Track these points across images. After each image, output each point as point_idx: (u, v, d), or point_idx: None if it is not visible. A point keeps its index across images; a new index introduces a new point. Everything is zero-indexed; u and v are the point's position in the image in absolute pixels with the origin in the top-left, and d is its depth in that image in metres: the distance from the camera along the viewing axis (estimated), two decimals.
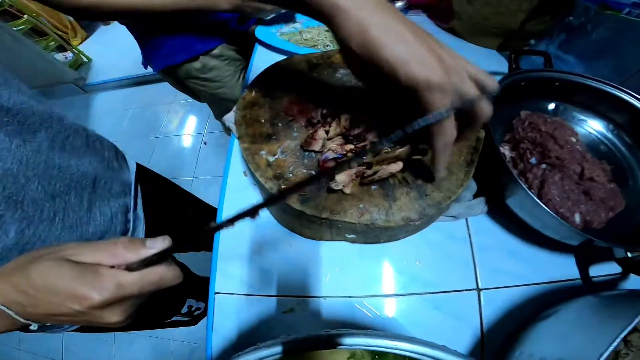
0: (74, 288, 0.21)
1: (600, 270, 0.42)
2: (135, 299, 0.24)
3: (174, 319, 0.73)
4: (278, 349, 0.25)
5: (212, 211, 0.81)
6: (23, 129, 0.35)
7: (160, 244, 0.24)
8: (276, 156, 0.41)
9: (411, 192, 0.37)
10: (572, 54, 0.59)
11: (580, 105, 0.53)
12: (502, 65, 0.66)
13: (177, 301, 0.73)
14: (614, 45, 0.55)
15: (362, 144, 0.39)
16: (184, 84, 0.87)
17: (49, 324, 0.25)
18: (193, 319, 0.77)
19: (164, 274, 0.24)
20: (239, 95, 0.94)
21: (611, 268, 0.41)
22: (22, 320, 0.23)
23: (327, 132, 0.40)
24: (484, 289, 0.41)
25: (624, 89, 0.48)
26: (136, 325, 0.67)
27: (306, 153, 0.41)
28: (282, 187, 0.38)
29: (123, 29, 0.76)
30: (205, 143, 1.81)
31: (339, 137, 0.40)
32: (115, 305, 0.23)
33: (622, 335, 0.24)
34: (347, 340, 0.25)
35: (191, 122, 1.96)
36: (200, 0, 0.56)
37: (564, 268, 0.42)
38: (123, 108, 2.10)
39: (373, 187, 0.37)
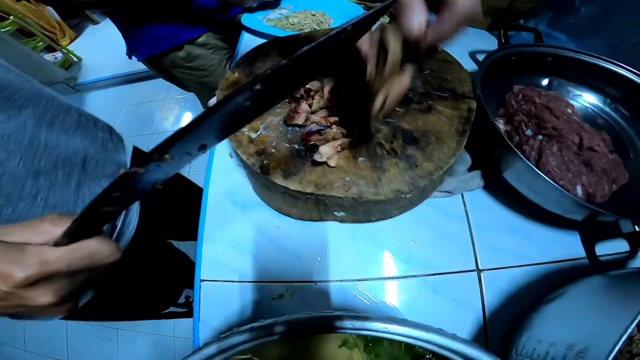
0: (10, 255, 0.20)
1: (607, 248, 0.40)
2: (65, 278, 0.22)
3: (171, 309, 0.71)
4: (268, 330, 0.22)
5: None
6: (8, 104, 0.34)
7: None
8: (258, 132, 0.39)
9: (400, 162, 0.34)
10: (562, 31, 0.58)
11: (574, 80, 0.52)
12: (492, 44, 0.64)
13: (174, 291, 0.70)
14: (605, 22, 0.53)
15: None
16: (170, 74, 0.85)
17: None
18: (190, 310, 0.76)
19: (95, 249, 0.22)
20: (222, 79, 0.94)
21: (619, 246, 0.39)
22: None
23: (310, 106, 0.38)
24: (484, 270, 0.39)
25: (618, 62, 0.47)
26: (130, 314, 0.65)
27: (290, 128, 0.39)
28: (265, 162, 0.36)
29: (112, 28, 0.75)
30: None
31: (324, 109, 0.38)
32: (42, 284, 0.21)
33: (639, 317, 0.22)
34: (341, 323, 0.23)
35: (187, 118, 1.95)
36: None
37: (568, 246, 0.40)
38: (116, 106, 2.07)
39: (360, 159, 0.35)
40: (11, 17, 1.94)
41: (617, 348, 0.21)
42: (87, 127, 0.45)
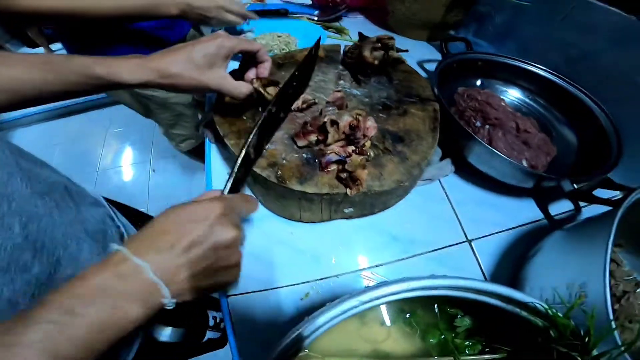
0: (198, 208, 0.27)
1: (558, 208, 0.50)
2: (237, 214, 0.30)
3: (208, 336, 0.69)
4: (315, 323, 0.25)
5: None
6: None
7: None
8: (267, 147, 0.42)
9: (394, 158, 0.41)
10: (483, 39, 0.72)
11: (501, 79, 0.65)
12: (432, 53, 0.78)
13: (200, 314, 0.69)
14: (514, 28, 0.68)
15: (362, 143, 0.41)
16: (131, 94, 0.82)
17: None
18: (223, 334, 0.73)
19: (247, 197, 0.34)
20: (189, 99, 0.92)
21: (566, 205, 0.50)
22: (155, 277, 0.23)
23: (319, 140, 0.42)
24: (473, 239, 0.47)
25: (530, 62, 0.60)
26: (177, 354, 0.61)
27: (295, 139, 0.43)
28: (279, 173, 0.40)
29: None
30: (154, 170, 1.68)
31: (341, 140, 0.42)
32: (230, 216, 0.28)
33: (610, 245, 0.29)
34: (367, 296, 0.26)
35: (129, 152, 1.81)
36: (144, 5, 0.55)
37: (528, 211, 0.50)
38: (48, 143, 1.83)
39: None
40: None
41: (607, 275, 0.28)
42: (44, 164, 0.43)
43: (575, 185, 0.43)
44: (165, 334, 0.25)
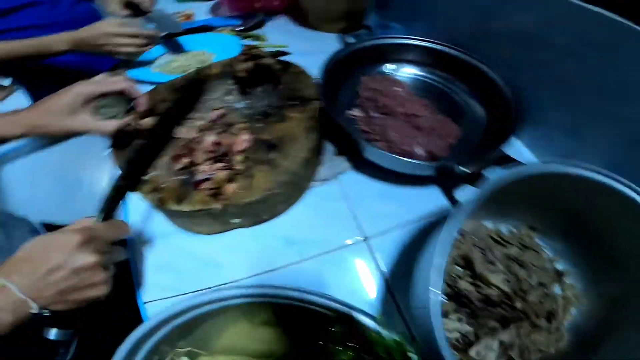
0: (59, 238, 0.31)
1: (464, 194, 0.48)
2: (105, 244, 0.34)
3: None
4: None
5: None
6: None
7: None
8: (150, 174, 0.45)
9: (263, 166, 0.43)
10: (394, 20, 0.72)
11: (403, 61, 0.64)
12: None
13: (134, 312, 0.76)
14: (423, 6, 0.67)
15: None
16: None
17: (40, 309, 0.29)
18: None
19: (117, 223, 0.37)
20: None
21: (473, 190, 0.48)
22: (22, 295, 0.28)
23: (193, 162, 0.44)
24: (371, 237, 0.46)
25: (427, 39, 0.60)
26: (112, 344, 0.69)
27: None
28: (159, 197, 0.43)
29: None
30: None
31: (208, 160, 0.44)
32: (90, 245, 0.32)
33: (437, 247, 0.27)
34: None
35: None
36: (34, 45, 0.60)
37: (435, 201, 0.49)
38: (40, 175, 1.94)
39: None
40: None
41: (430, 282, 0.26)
42: None
43: (466, 168, 0.41)
44: (52, 333, 0.32)
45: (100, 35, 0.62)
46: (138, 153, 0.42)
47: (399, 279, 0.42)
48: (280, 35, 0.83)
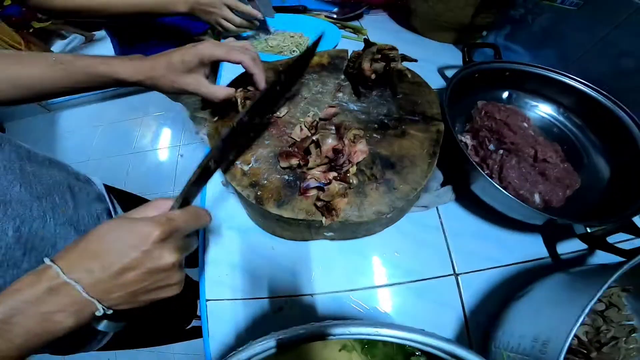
0: (135, 230, 0.26)
1: (568, 247, 0.45)
2: (181, 238, 0.29)
3: (193, 324, 0.76)
4: (271, 343, 0.26)
5: None
6: None
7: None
8: (250, 165, 0.42)
9: (380, 187, 0.39)
10: (518, 44, 0.64)
11: (530, 92, 0.58)
12: (457, 58, 0.70)
13: (191, 304, 0.76)
14: (554, 34, 0.59)
15: (345, 171, 0.39)
16: None
17: (109, 309, 0.26)
18: None
19: (198, 211, 0.31)
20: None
21: (578, 244, 0.44)
22: (88, 296, 0.24)
23: (301, 164, 0.40)
24: (461, 274, 0.44)
25: (567, 74, 0.52)
26: (158, 333, 0.68)
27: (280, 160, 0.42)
28: (259, 193, 0.39)
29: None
30: (181, 156, 1.78)
31: (322, 165, 0.40)
32: (170, 240, 0.27)
33: (587, 311, 0.26)
34: (336, 330, 0.26)
35: (165, 135, 1.92)
36: (161, 3, 0.60)
37: (533, 247, 0.45)
38: (91, 125, 2.02)
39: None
40: None
41: (569, 338, 0.26)
42: (54, 162, 0.48)
43: (588, 229, 0.38)
44: (103, 324, 0.27)
45: (218, 2, 0.61)
46: (234, 132, 0.36)
47: (480, 319, 0.41)
48: (380, 34, 0.76)
